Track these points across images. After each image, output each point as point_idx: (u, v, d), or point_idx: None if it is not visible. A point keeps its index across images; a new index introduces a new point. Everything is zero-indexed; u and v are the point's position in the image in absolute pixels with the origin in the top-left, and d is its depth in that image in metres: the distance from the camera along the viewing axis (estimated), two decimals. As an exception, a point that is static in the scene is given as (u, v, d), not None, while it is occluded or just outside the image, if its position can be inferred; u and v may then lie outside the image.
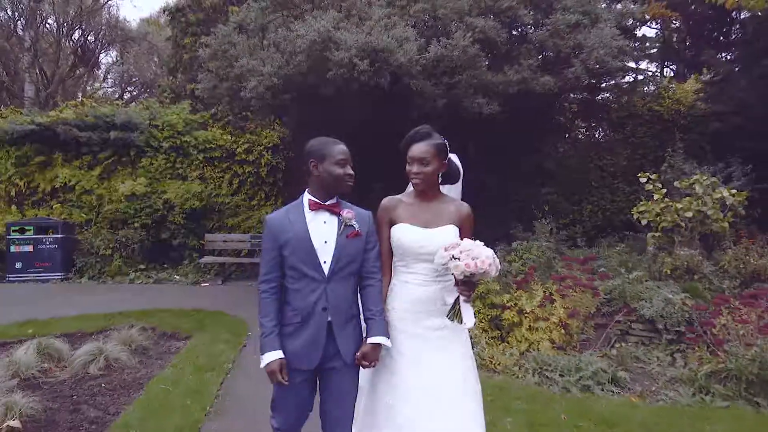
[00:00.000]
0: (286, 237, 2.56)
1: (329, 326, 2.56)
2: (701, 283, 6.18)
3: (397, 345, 2.69)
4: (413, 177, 2.77)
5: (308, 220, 2.59)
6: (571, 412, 3.94)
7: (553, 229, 8.10)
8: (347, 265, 2.60)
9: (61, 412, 4.26)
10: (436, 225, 2.74)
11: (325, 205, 2.61)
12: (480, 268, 2.46)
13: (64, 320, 6.94)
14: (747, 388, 4.24)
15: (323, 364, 2.59)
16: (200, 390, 4.55)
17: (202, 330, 6.59)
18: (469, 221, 2.81)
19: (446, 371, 2.66)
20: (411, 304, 2.73)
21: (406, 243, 2.73)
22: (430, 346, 2.68)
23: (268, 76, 7.83)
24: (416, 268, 2.74)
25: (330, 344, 2.57)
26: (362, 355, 2.60)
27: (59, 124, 11.38)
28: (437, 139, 2.76)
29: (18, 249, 10.60)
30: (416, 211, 2.79)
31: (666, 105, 10.93)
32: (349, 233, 2.60)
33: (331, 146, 2.62)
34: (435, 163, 2.73)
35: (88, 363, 5.21)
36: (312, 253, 2.55)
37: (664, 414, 3.96)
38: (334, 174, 2.57)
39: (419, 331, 2.70)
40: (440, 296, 2.70)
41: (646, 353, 5.44)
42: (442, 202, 2.83)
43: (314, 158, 2.61)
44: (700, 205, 6.56)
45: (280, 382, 2.51)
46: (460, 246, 2.53)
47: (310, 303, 2.54)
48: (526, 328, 5.55)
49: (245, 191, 11.98)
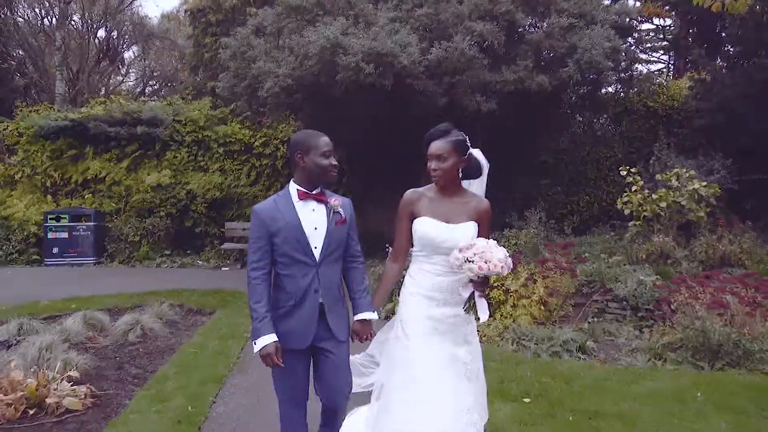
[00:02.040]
0: (278, 226, 2.65)
1: (321, 307, 2.70)
2: (673, 267, 6.81)
3: (414, 327, 2.82)
4: (432, 173, 2.85)
5: (298, 209, 2.70)
6: (537, 371, 4.63)
7: (542, 217, 8.73)
8: (335, 250, 2.75)
9: (108, 369, 5.04)
10: (456, 220, 2.82)
11: (313, 195, 2.72)
12: (492, 270, 2.59)
13: (101, 297, 7.78)
14: (693, 355, 4.88)
15: (316, 342, 2.72)
16: (224, 353, 5.33)
17: (224, 307, 7.37)
18: (487, 217, 2.90)
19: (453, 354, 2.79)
20: (428, 291, 2.83)
21: (427, 236, 2.82)
22: (441, 330, 2.80)
23: (283, 77, 8.56)
24: (435, 260, 2.83)
25: (322, 323, 2.72)
26: (354, 333, 2.81)
27: (90, 120, 12.26)
28: (456, 135, 2.83)
29: (54, 235, 11.52)
30: (438, 205, 2.86)
31: (660, 101, 11.47)
32: (338, 220, 2.74)
33: (316, 139, 2.72)
34: (453, 159, 2.80)
35: (127, 332, 6.00)
36: (304, 240, 2.66)
37: (615, 373, 4.64)
38: (319, 165, 2.68)
39: (434, 315, 2.81)
40: (455, 287, 2.80)
41: (618, 328, 6.07)
42: (463, 198, 2.90)
43: (300, 150, 2.70)
44: (677, 196, 7.16)
45: (277, 364, 2.60)
46: (474, 248, 2.64)
47: (304, 286, 2.67)
48: (511, 306, 6.24)
49: (262, 182, 12.76)
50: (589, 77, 9.62)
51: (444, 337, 2.80)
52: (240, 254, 11.68)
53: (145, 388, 4.47)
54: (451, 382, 2.75)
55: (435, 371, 2.74)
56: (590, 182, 11.67)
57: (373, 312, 2.83)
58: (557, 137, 11.48)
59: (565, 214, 11.47)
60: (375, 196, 10.10)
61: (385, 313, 6.17)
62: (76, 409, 4.01)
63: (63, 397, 4.06)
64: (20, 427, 3.76)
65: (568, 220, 11.37)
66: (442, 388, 2.72)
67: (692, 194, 7.11)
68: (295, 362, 2.70)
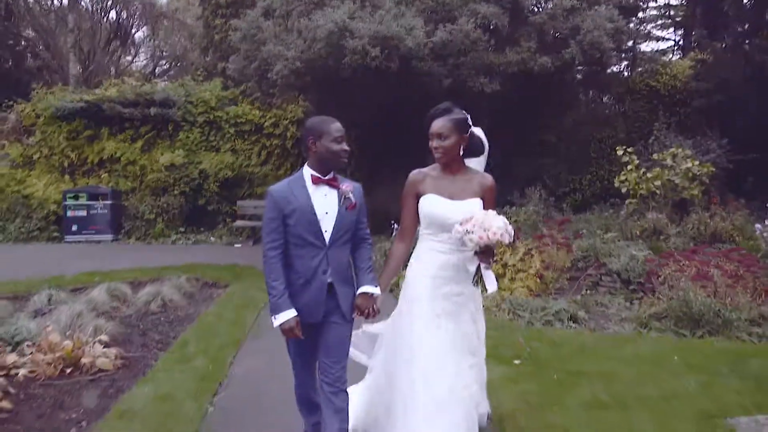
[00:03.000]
0: (291, 208, 2.72)
1: (330, 286, 2.79)
2: (665, 242, 7.12)
3: (420, 305, 2.90)
4: (434, 151, 2.91)
5: (311, 193, 2.77)
6: (529, 338, 4.99)
7: (542, 195, 9.04)
8: (345, 234, 2.82)
9: (133, 335, 5.46)
10: (461, 197, 2.88)
11: (326, 180, 2.80)
12: (492, 238, 2.63)
13: (122, 271, 8.20)
14: (676, 324, 5.22)
15: (325, 318, 2.82)
16: (239, 321, 5.74)
17: (238, 280, 7.78)
18: (491, 193, 2.96)
19: (461, 334, 2.89)
20: (437, 269, 2.90)
21: (433, 214, 2.89)
22: (447, 308, 2.88)
23: (292, 60, 8.84)
24: (442, 237, 2.89)
25: (331, 302, 2.80)
26: (356, 307, 2.86)
27: (104, 102, 12.63)
28: (457, 114, 2.88)
29: (73, 213, 11.97)
30: (442, 183, 2.92)
31: (663, 81, 11.63)
32: (349, 205, 2.80)
33: (328, 124, 2.78)
34: (454, 138, 2.85)
35: (149, 302, 6.43)
36: (315, 223, 2.74)
37: (601, 339, 5.00)
38: (331, 150, 2.75)
39: (440, 294, 2.88)
40: (462, 264, 2.87)
41: (611, 300, 6.41)
42: (466, 175, 2.96)
43: (312, 136, 2.77)
44: (671, 175, 7.43)
45: (297, 336, 2.73)
46: (473, 220, 2.68)
47: (312, 267, 2.75)
48: (509, 279, 6.60)
49: (273, 162, 13.10)
50: (591, 58, 9.81)
51: (449, 316, 2.87)
52: (252, 231, 12.06)
53: (169, 352, 4.89)
54: (453, 361, 2.82)
55: (437, 351, 2.81)
56: (592, 161, 11.92)
57: (375, 287, 2.89)
58: (560, 117, 11.70)
59: (568, 192, 11.75)
60: (382, 175, 10.42)
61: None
62: (108, 369, 4.42)
63: (96, 358, 4.47)
64: (59, 383, 4.16)
65: (570, 198, 11.66)
66: (442, 367, 2.80)
67: (686, 173, 7.37)
68: (307, 335, 2.80)
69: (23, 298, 6.46)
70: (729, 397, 3.70)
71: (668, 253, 6.33)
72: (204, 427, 3.46)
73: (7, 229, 12.06)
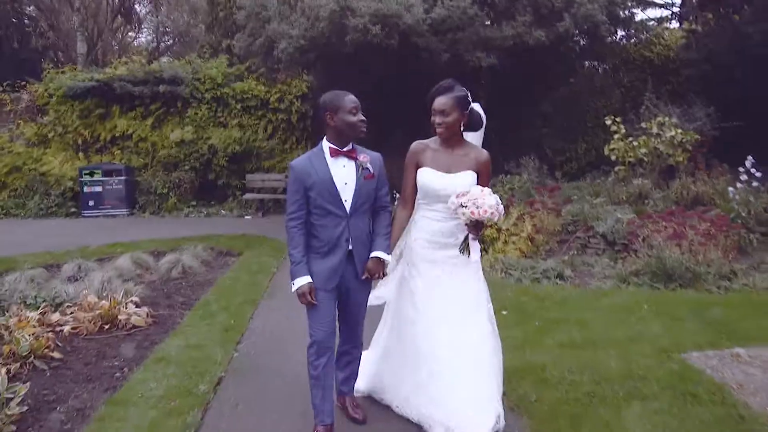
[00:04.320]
0: (312, 180, 2.86)
1: (350, 253, 2.95)
2: (650, 206, 7.59)
3: (419, 268, 3.10)
4: (436, 127, 3.05)
5: (330, 165, 2.89)
6: (517, 293, 5.51)
7: (536, 164, 9.49)
8: (365, 203, 2.96)
9: (159, 298, 6.00)
10: (456, 170, 3.04)
11: (344, 152, 2.92)
12: (482, 215, 2.81)
13: (142, 242, 8.75)
14: (652, 279, 5.72)
15: (344, 283, 2.99)
16: (255, 283, 6.30)
17: (251, 248, 8.32)
18: (486, 167, 3.11)
19: (459, 293, 3.05)
20: (431, 235, 3.09)
21: (428, 185, 3.07)
22: (445, 270, 3.07)
23: (296, 38, 9.22)
24: (436, 207, 3.08)
25: (349, 268, 2.98)
26: (367, 269, 3.02)
27: (115, 80, 13.01)
28: (458, 91, 3.02)
29: (90, 189, 12.51)
30: (440, 156, 3.09)
31: (656, 51, 11.93)
32: (366, 175, 2.94)
33: (343, 98, 2.89)
34: (455, 114, 3.00)
35: (170, 269, 6.97)
36: (335, 194, 2.87)
37: (582, 293, 5.52)
38: (348, 122, 2.86)
39: (437, 258, 3.08)
40: (455, 231, 3.05)
41: (597, 260, 6.92)
42: (464, 150, 3.11)
43: (329, 110, 2.88)
44: (657, 143, 7.86)
45: (310, 302, 2.90)
46: (469, 194, 2.86)
47: (336, 235, 2.90)
48: (502, 242, 7.11)
49: (279, 136, 13.53)
50: (585, 30, 10.11)
51: (447, 277, 3.06)
52: (260, 203, 12.58)
53: (194, 310, 5.44)
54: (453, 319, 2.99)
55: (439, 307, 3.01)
56: (588, 130, 12.30)
57: (388, 254, 3.05)
58: (557, 88, 12.04)
59: (564, 161, 12.17)
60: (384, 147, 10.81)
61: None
62: (141, 326, 4.98)
63: (130, 316, 5.03)
64: (99, 338, 4.73)
65: (567, 166, 12.09)
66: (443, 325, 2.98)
67: (671, 141, 7.78)
68: (325, 299, 2.95)
69: (55, 267, 7.03)
70: (686, 337, 4.23)
71: (647, 215, 6.80)
72: (231, 368, 4.02)
73: (27, 206, 12.63)
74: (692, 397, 3.27)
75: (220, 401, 3.50)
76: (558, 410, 3.18)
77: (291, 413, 3.25)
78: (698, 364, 3.75)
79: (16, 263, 7.03)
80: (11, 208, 12.62)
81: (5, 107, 13.94)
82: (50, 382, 3.87)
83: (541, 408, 3.20)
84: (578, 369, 3.69)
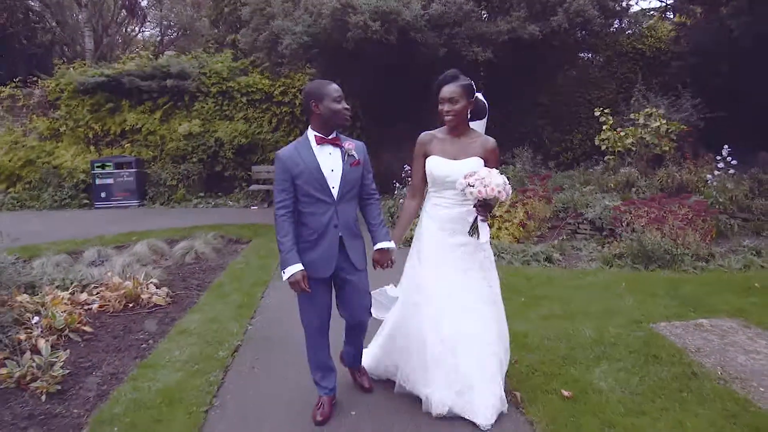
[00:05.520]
0: (299, 169, 2.90)
1: (341, 240, 2.98)
2: (636, 194, 8.00)
3: (427, 255, 3.16)
4: (445, 115, 3.09)
5: (316, 153, 2.94)
6: (507, 273, 5.91)
7: (528, 153, 9.90)
8: (351, 189, 3.02)
9: (175, 281, 6.46)
10: (463, 158, 3.09)
11: (329, 139, 2.97)
12: (490, 194, 2.84)
13: (155, 231, 9.20)
14: (633, 261, 6.15)
15: (338, 272, 3.03)
16: (264, 267, 6.76)
17: (258, 236, 8.78)
18: (493, 154, 3.15)
19: (466, 280, 3.11)
20: (440, 222, 3.14)
21: (436, 173, 3.12)
22: (454, 257, 3.12)
23: (300, 34, 9.60)
24: (445, 194, 3.14)
25: (342, 255, 3.01)
26: (374, 261, 3.12)
27: (124, 75, 13.43)
28: (464, 80, 3.10)
29: (101, 181, 12.97)
30: (447, 145, 3.14)
31: (648, 43, 12.29)
32: (352, 162, 2.99)
33: (327, 86, 2.93)
34: (463, 102, 3.06)
35: (184, 255, 7.43)
36: (323, 181, 2.92)
37: (567, 273, 5.96)
38: (333, 110, 2.90)
39: (446, 245, 3.12)
40: (464, 217, 3.09)
41: (585, 245, 7.35)
42: (470, 137, 3.16)
43: (314, 99, 2.91)
44: (643, 133, 8.25)
45: (304, 290, 2.93)
46: (476, 175, 2.89)
47: (325, 222, 2.94)
48: (496, 228, 7.53)
49: (283, 128, 13.95)
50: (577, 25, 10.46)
51: (457, 264, 3.11)
52: (266, 194, 13.01)
53: (209, 291, 5.91)
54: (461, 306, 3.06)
55: (446, 293, 3.07)
56: (582, 121, 12.69)
57: (390, 241, 3.12)
58: (552, 80, 12.42)
59: (560, 151, 12.57)
60: (385, 138, 11.28)
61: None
62: (161, 304, 5.44)
63: (151, 296, 5.50)
64: (123, 315, 5.19)
65: (562, 156, 12.49)
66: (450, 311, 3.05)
67: (656, 131, 8.18)
68: (318, 290, 3.01)
69: (76, 253, 7.48)
70: (657, 310, 4.67)
71: (632, 201, 7.21)
72: (246, 338, 4.48)
73: (41, 197, 13.11)
74: (654, 359, 3.71)
75: (238, 364, 3.97)
76: (534, 369, 3.64)
77: (300, 374, 3.68)
78: (664, 333, 4.19)
79: (40, 250, 7.50)
80: (26, 200, 13.10)
81: (18, 102, 14.40)
82: (84, 352, 4.34)
83: (520, 368, 3.65)
84: (556, 337, 4.14)
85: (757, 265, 6.05)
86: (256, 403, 3.40)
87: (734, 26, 8.77)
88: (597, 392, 3.30)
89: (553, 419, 3.03)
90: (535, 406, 3.18)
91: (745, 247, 6.62)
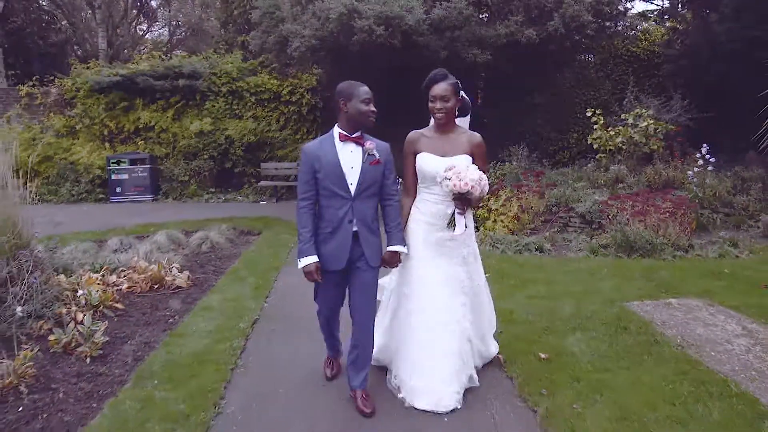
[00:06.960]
0: (321, 163, 3.00)
1: (355, 235, 3.06)
2: (624, 190, 8.49)
3: (415, 248, 3.28)
4: (437, 112, 3.19)
5: (338, 149, 3.03)
6: (500, 261, 6.46)
7: (525, 151, 10.40)
8: (369, 187, 3.08)
9: (194, 267, 6.97)
10: (451, 154, 3.18)
11: (352, 138, 3.05)
12: (463, 188, 2.96)
13: (170, 223, 9.72)
14: (617, 250, 6.66)
15: (351, 265, 3.11)
16: (276, 255, 7.28)
17: (269, 228, 9.30)
18: (480, 149, 3.26)
19: (451, 272, 3.25)
20: (429, 217, 3.25)
21: (425, 169, 3.23)
22: (440, 251, 3.24)
23: (308, 38, 10.13)
24: (434, 190, 3.24)
25: (356, 249, 3.09)
26: (384, 261, 3.22)
27: (138, 75, 13.95)
28: (453, 79, 3.21)
29: (117, 177, 13.53)
30: (435, 142, 3.24)
31: (642, 46, 12.77)
32: (371, 161, 3.06)
33: (357, 88, 3.04)
34: (453, 100, 3.17)
35: (200, 244, 7.96)
36: (341, 176, 3.01)
37: (555, 261, 6.46)
38: (360, 110, 3.00)
39: (432, 239, 3.24)
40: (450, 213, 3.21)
41: (576, 237, 7.85)
42: (457, 134, 3.26)
43: (343, 98, 3.02)
44: (632, 132, 8.75)
45: (316, 280, 3.08)
46: (455, 169, 3.02)
47: (340, 216, 3.04)
48: (492, 221, 8.04)
49: (290, 127, 14.48)
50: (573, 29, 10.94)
51: (442, 258, 3.24)
52: (274, 190, 13.55)
53: (226, 275, 6.43)
54: (445, 295, 3.20)
55: (430, 286, 3.21)
56: (578, 121, 13.17)
57: (403, 246, 3.21)
58: (549, 81, 12.90)
59: (557, 150, 13.06)
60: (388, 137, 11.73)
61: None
62: (184, 286, 5.97)
63: (174, 278, 6.03)
64: (150, 295, 5.72)
65: (559, 155, 12.98)
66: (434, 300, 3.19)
67: (645, 131, 8.67)
68: (332, 281, 3.16)
69: (100, 242, 8.02)
70: (632, 292, 5.18)
71: (617, 196, 7.71)
72: (263, 313, 5.01)
73: (59, 192, 13.67)
74: (623, 330, 4.23)
75: (257, 334, 4.50)
76: (517, 337, 4.15)
77: (311, 341, 4.17)
78: (635, 310, 4.71)
79: (66, 239, 8.03)
80: (45, 194, 13.65)
81: (35, 101, 14.96)
82: (118, 326, 4.86)
83: (505, 337, 4.15)
84: (538, 313, 4.66)
85: (733, 255, 6.55)
86: (273, 364, 3.92)
87: (720, 31, 9.24)
88: (570, 355, 3.81)
89: (530, 375, 3.54)
90: (515, 365, 3.70)
91: (721, 238, 7.11)
